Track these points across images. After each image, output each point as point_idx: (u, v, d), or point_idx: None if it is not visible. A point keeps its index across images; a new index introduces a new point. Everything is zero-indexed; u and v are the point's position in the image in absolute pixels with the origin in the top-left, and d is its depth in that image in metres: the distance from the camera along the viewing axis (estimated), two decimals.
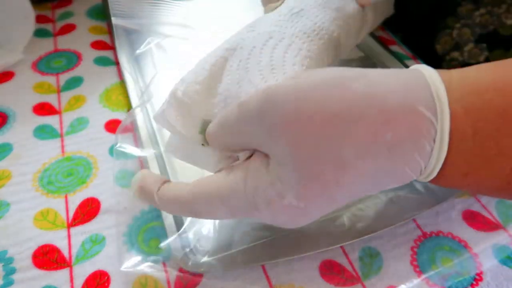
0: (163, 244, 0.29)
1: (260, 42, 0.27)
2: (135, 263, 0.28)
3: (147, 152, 0.35)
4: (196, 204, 0.24)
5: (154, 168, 0.33)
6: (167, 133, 0.36)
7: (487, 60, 0.44)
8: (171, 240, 0.29)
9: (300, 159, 0.20)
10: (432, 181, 0.23)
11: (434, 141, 0.20)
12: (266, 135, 0.20)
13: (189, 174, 0.33)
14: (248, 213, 0.22)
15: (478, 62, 0.45)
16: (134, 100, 0.39)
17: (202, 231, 0.30)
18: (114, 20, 0.30)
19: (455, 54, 0.46)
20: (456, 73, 0.22)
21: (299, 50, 0.27)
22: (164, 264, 0.29)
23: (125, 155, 0.34)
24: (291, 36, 0.27)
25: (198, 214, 0.25)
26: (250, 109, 0.21)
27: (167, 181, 0.26)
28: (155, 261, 0.29)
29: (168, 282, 0.28)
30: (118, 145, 0.34)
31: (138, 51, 0.33)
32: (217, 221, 0.30)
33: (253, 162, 0.22)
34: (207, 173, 0.33)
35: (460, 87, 0.21)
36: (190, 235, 0.29)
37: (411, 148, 0.20)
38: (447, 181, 0.23)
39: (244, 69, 0.25)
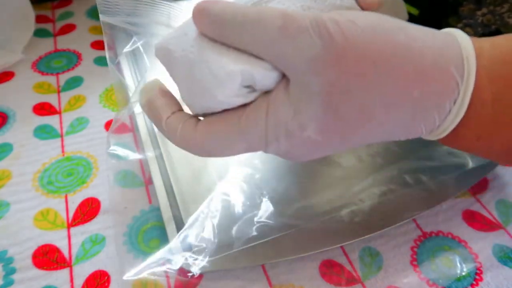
0: (163, 246, 0.29)
1: None
2: (137, 271, 0.28)
3: (140, 155, 0.35)
4: (209, 142, 0.23)
5: (154, 169, 0.33)
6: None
7: None
8: (171, 240, 0.29)
9: (332, 97, 0.20)
10: (442, 140, 0.23)
11: (454, 102, 0.21)
12: (307, 64, 0.20)
13: (189, 174, 0.33)
14: (267, 145, 0.22)
15: None
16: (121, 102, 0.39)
17: (202, 231, 0.30)
18: (101, 18, 0.30)
19: None
20: (487, 42, 0.22)
21: None
22: (164, 264, 0.29)
23: (119, 157, 0.34)
24: None
25: (209, 152, 0.23)
26: (299, 29, 0.20)
27: (180, 109, 0.24)
28: (156, 266, 0.28)
29: (168, 282, 0.28)
30: (111, 148, 0.34)
31: (124, 50, 0.33)
32: (217, 222, 0.30)
33: (276, 95, 0.21)
34: (208, 175, 0.33)
35: (489, 56, 0.21)
36: (190, 235, 0.29)
37: (433, 106, 0.21)
38: (457, 142, 0.23)
39: None
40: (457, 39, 0.22)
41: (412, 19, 0.54)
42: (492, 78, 0.21)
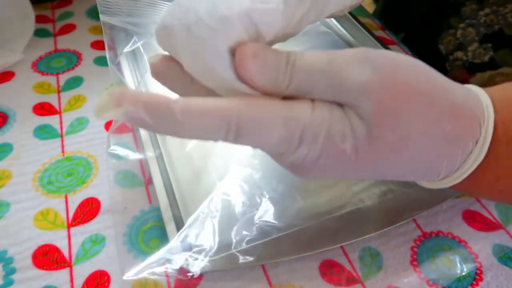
0: (163, 246, 0.29)
1: None
2: (137, 271, 0.28)
3: (140, 155, 0.35)
4: (246, 118, 0.20)
5: (154, 169, 0.33)
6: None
7: (492, 60, 0.44)
8: (171, 240, 0.29)
9: (378, 120, 0.21)
10: (458, 185, 0.24)
11: (476, 142, 0.23)
12: (357, 89, 0.20)
13: (189, 174, 0.33)
14: (301, 142, 0.21)
15: (482, 62, 0.45)
16: None
17: (202, 231, 0.30)
18: (101, 18, 0.30)
19: (459, 54, 0.46)
20: (495, 90, 0.25)
21: None
22: (164, 264, 0.29)
23: (119, 157, 0.34)
24: None
25: (238, 131, 0.20)
26: (347, 60, 0.21)
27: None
28: (156, 266, 0.28)
29: (168, 282, 0.28)
30: (111, 148, 0.34)
31: (124, 50, 0.33)
32: (217, 222, 0.30)
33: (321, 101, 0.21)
34: (208, 175, 0.33)
35: (499, 101, 0.24)
36: (190, 235, 0.29)
37: (459, 144, 0.23)
38: (476, 185, 0.24)
39: None
40: (471, 89, 0.24)
41: (413, 20, 0.54)
42: (504, 120, 0.23)
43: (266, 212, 0.31)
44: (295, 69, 0.20)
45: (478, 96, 0.24)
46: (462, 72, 0.46)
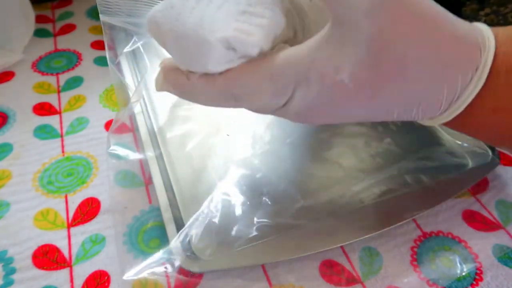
0: (163, 246, 0.29)
1: None
2: (137, 271, 0.28)
3: (140, 155, 0.35)
4: (239, 84, 0.23)
5: (154, 169, 0.33)
6: (167, 133, 0.36)
7: None
8: (171, 240, 0.29)
9: (377, 43, 0.21)
10: (455, 119, 0.24)
11: (476, 71, 0.23)
12: (363, 11, 0.20)
13: (189, 174, 0.33)
14: (295, 88, 0.23)
15: None
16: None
17: (202, 231, 0.30)
18: (101, 18, 0.30)
19: None
20: (501, 29, 0.24)
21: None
22: (164, 264, 0.29)
23: (119, 157, 0.34)
24: None
25: (238, 98, 0.24)
26: None
27: None
28: (156, 266, 0.28)
29: (168, 283, 0.28)
30: (111, 148, 0.34)
31: (124, 50, 0.34)
32: (217, 222, 0.30)
33: (314, 42, 0.22)
34: (208, 175, 0.33)
35: (502, 36, 0.24)
36: (190, 235, 0.29)
37: (458, 72, 0.23)
38: (472, 118, 0.24)
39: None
40: (475, 23, 0.24)
41: None
42: (505, 53, 0.23)
43: (266, 212, 0.31)
44: None
45: (481, 29, 0.24)
46: None
